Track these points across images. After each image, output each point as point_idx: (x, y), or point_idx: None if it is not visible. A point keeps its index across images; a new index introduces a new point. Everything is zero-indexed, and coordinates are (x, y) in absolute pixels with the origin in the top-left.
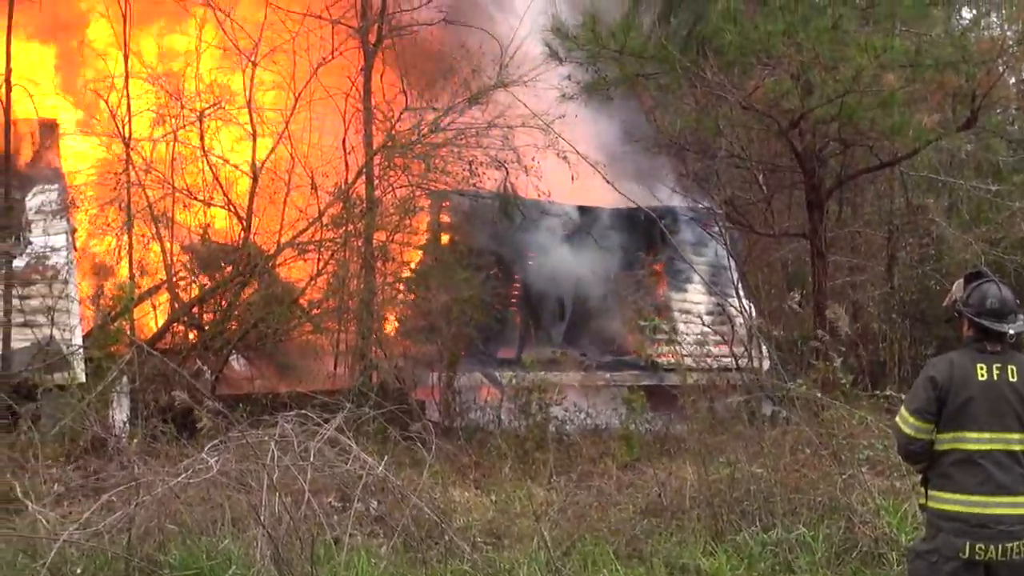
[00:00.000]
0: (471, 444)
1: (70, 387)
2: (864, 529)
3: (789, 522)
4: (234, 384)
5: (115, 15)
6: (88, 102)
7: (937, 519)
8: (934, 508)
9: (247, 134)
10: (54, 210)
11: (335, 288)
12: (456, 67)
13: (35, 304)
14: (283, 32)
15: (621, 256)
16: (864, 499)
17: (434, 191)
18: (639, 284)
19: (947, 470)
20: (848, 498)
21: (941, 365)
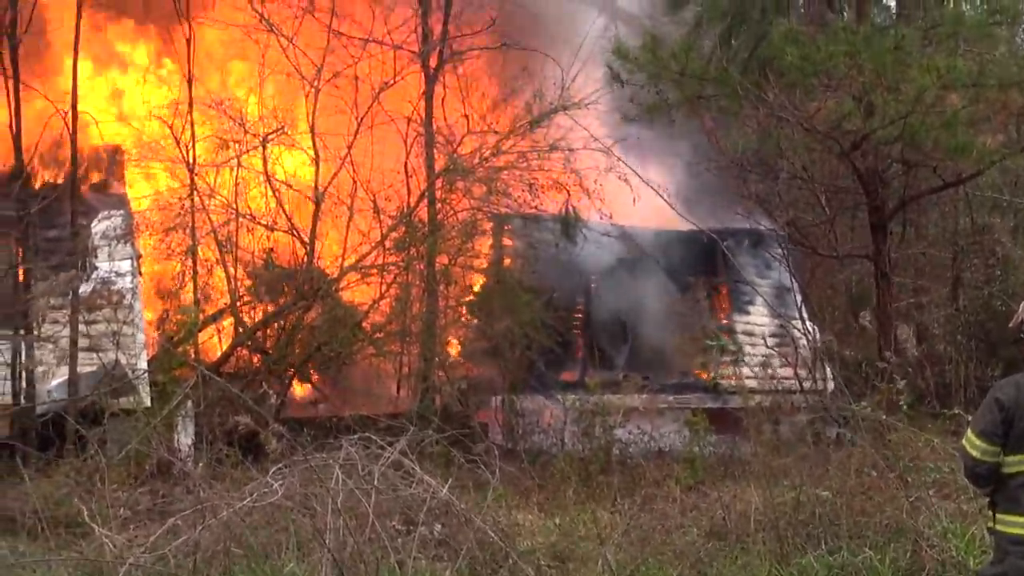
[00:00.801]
0: (534, 467)
1: (136, 411)
2: (931, 553)
3: (855, 545)
4: (298, 407)
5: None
6: (153, 128)
7: (1005, 543)
8: (1002, 531)
9: (310, 159)
10: (119, 236)
11: (398, 311)
12: (517, 90)
13: (101, 329)
14: (345, 57)
15: (683, 278)
16: (931, 522)
17: (496, 214)
18: (702, 306)
19: (1014, 493)
20: (915, 521)
21: (1008, 387)
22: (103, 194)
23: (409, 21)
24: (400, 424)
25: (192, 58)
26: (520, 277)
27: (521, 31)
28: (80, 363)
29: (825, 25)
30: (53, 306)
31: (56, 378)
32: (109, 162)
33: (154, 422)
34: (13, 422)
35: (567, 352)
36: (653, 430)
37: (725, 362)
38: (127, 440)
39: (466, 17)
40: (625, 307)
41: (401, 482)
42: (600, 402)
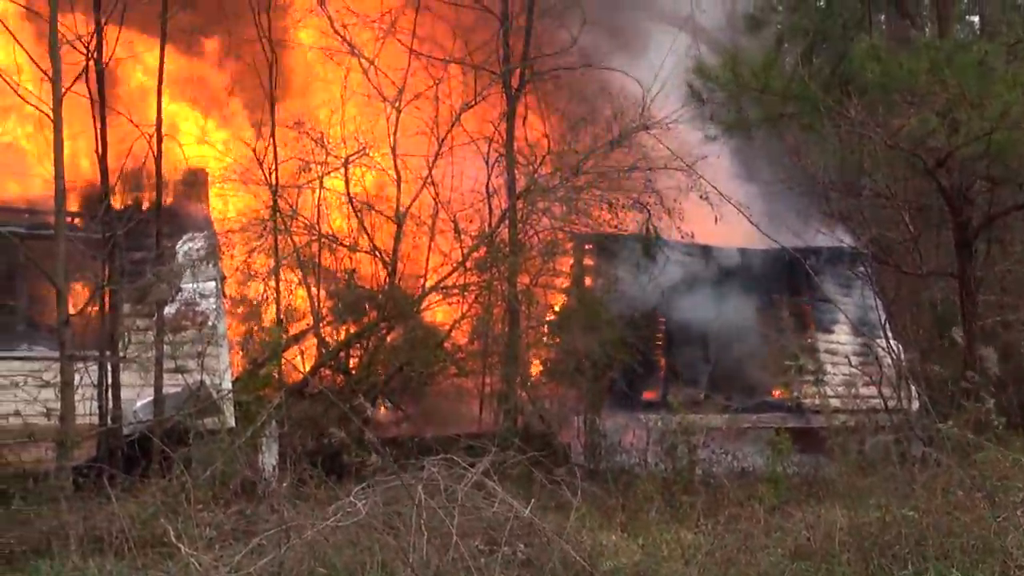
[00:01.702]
0: (617, 487)
1: (220, 431)
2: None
3: (942, 566)
4: (380, 428)
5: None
6: (236, 151)
7: None
8: None
9: (391, 180)
10: (203, 257)
11: (479, 332)
12: (598, 110)
13: (186, 350)
14: (426, 78)
15: (766, 297)
16: (1020, 542)
17: (577, 234)
18: (784, 325)
19: None
20: (1003, 541)
21: None
22: (187, 216)
23: (490, 42)
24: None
25: (275, 81)
26: (601, 296)
27: (602, 51)
28: (165, 384)
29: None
30: (139, 327)
31: (142, 399)
32: (193, 184)
33: (239, 442)
34: (100, 442)
35: (649, 371)
36: (736, 449)
37: (808, 381)
38: (212, 460)
39: (547, 37)
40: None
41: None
42: (683, 421)
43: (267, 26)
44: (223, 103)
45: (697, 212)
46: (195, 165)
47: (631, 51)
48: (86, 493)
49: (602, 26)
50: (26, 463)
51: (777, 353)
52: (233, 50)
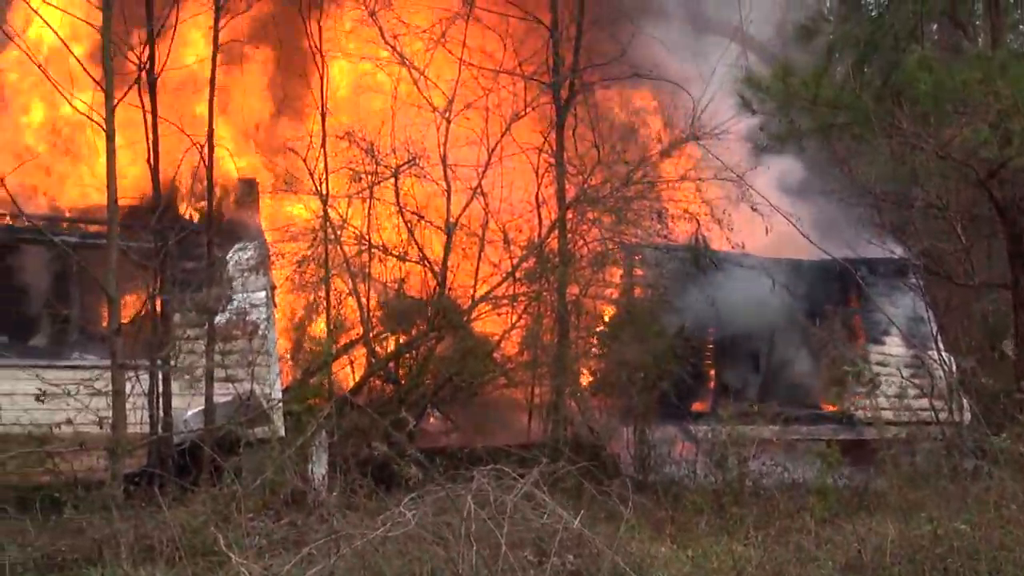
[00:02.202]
0: (666, 498)
1: (270, 441)
2: None
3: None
4: (429, 438)
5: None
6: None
7: None
8: None
9: (441, 190)
10: (254, 267)
11: (529, 342)
12: (648, 120)
13: (236, 359)
14: (476, 89)
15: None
16: None
17: (626, 244)
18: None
19: None
20: None
21: None
22: (238, 226)
23: (540, 52)
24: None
25: (325, 91)
26: (651, 307)
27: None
28: (216, 393)
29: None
30: (189, 337)
31: (192, 408)
32: (244, 194)
33: (289, 451)
34: (151, 451)
35: (699, 382)
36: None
37: (859, 393)
38: (262, 469)
39: (597, 48)
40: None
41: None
42: (733, 433)
43: (318, 37)
44: (274, 113)
45: (747, 223)
46: (246, 175)
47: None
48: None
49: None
50: (78, 471)
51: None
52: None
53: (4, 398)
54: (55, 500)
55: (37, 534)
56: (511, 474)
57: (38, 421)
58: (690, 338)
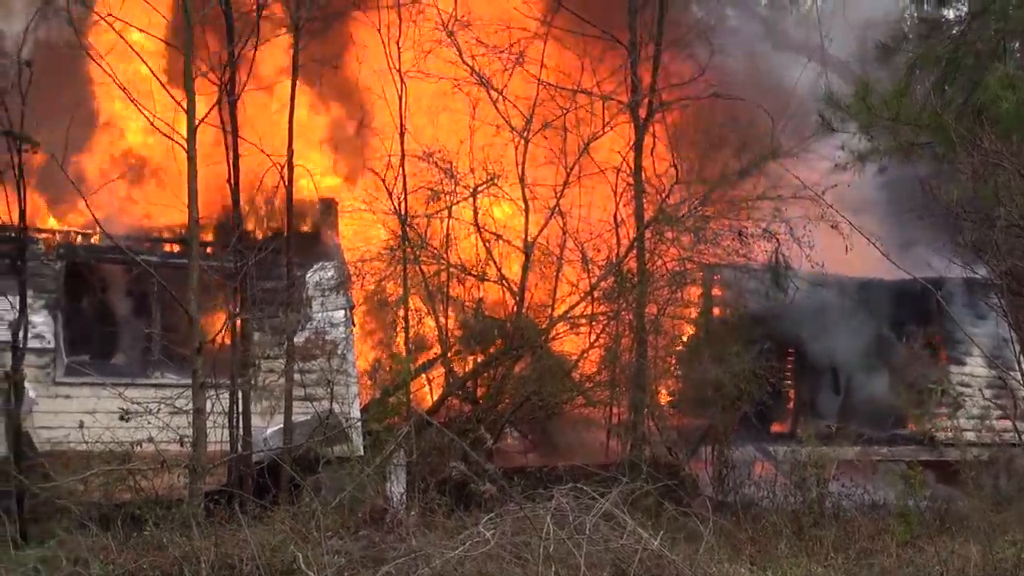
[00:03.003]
0: (746, 519)
1: (349, 459)
2: None
3: None
4: (508, 457)
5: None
6: (365, 180)
7: None
8: None
9: (519, 209)
10: (333, 286)
11: (607, 361)
12: (727, 139)
13: (315, 378)
14: (554, 108)
15: (897, 328)
16: None
17: (705, 264)
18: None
19: None
20: None
21: None
22: (317, 245)
23: (618, 72)
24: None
25: (404, 111)
26: (730, 327)
27: (730, 80)
28: (295, 411)
29: None
30: (269, 356)
31: (272, 426)
32: (323, 214)
33: (368, 470)
34: (231, 469)
35: (778, 402)
36: (867, 483)
37: (941, 413)
38: (341, 488)
39: (675, 67)
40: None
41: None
42: (812, 453)
43: (397, 57)
44: (353, 132)
45: (827, 241)
46: (325, 194)
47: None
48: (217, 519)
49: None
50: (159, 489)
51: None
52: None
53: (86, 416)
54: (136, 517)
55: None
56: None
57: (120, 439)
58: (769, 358)
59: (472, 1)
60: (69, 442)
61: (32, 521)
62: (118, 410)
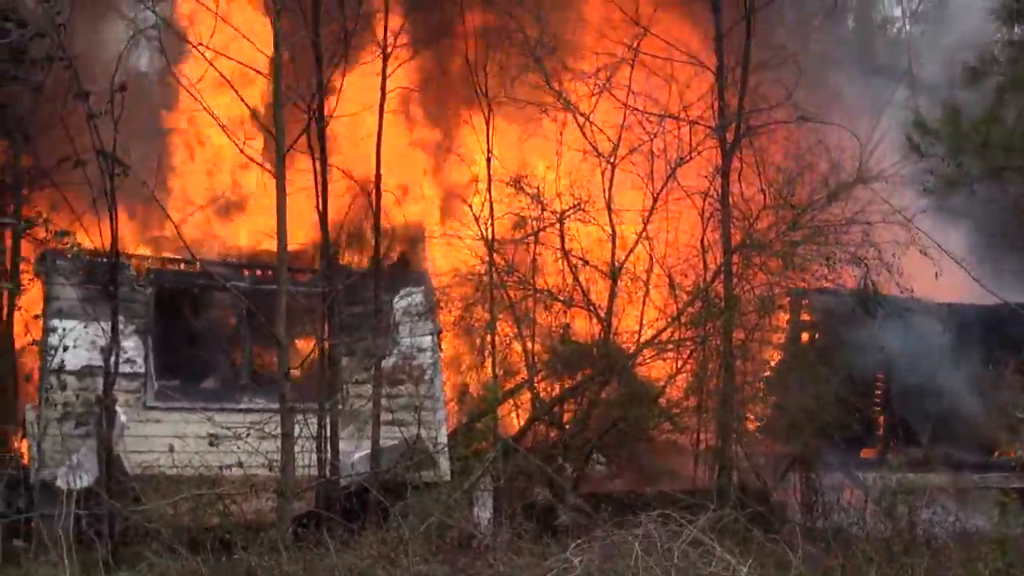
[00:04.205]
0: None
1: (437, 484)
2: None
3: None
4: (594, 483)
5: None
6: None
7: None
8: None
9: (606, 235)
10: (420, 311)
11: (694, 387)
12: (814, 164)
13: (402, 403)
14: (641, 134)
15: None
16: None
17: (793, 289)
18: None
19: None
20: None
21: None
22: (405, 271)
23: (705, 96)
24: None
25: (491, 137)
26: (818, 352)
27: (818, 104)
28: (382, 436)
29: None
30: (357, 381)
31: (359, 451)
32: (411, 239)
33: (455, 495)
34: (319, 494)
35: (867, 429)
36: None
37: None
38: (428, 513)
39: (762, 91)
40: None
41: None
42: (903, 480)
43: (484, 83)
44: (440, 159)
45: (916, 267)
46: (413, 220)
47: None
48: (306, 543)
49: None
50: (248, 513)
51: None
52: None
53: (176, 440)
54: (225, 541)
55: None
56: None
57: (209, 463)
58: (858, 384)
59: (559, 27)
60: (159, 466)
61: (123, 544)
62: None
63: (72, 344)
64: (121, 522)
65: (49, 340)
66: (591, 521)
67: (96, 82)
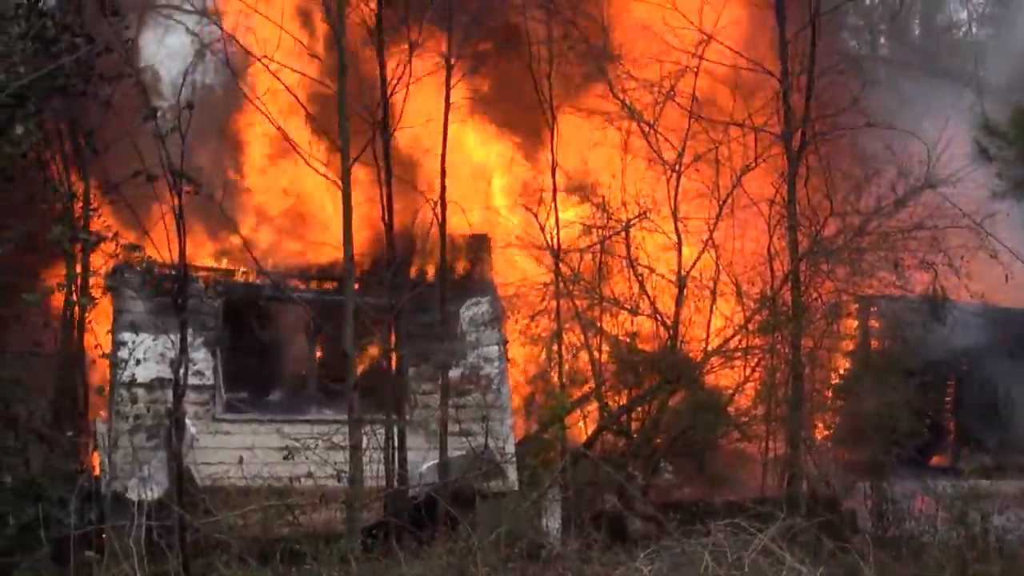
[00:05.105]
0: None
1: (505, 494)
2: None
3: None
4: (662, 492)
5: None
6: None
7: None
8: None
9: (672, 243)
10: (487, 321)
11: (763, 395)
12: (881, 169)
13: (470, 413)
14: (706, 141)
15: None
16: None
17: (862, 295)
18: None
19: None
20: None
21: None
22: (471, 281)
23: (770, 103)
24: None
25: (555, 146)
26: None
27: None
28: (450, 447)
29: None
30: (424, 391)
31: (428, 461)
32: (476, 249)
33: (524, 505)
34: (388, 504)
35: (938, 436)
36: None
37: None
38: (497, 523)
39: (828, 97)
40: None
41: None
42: (974, 487)
43: (548, 91)
44: (505, 168)
45: (986, 272)
46: (478, 230)
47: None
48: (375, 554)
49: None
50: (317, 524)
51: None
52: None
53: (245, 452)
54: (295, 552)
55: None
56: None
57: (278, 474)
58: (928, 390)
59: (622, 35)
60: (229, 477)
61: (194, 555)
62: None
63: (142, 357)
64: (192, 533)
65: (119, 353)
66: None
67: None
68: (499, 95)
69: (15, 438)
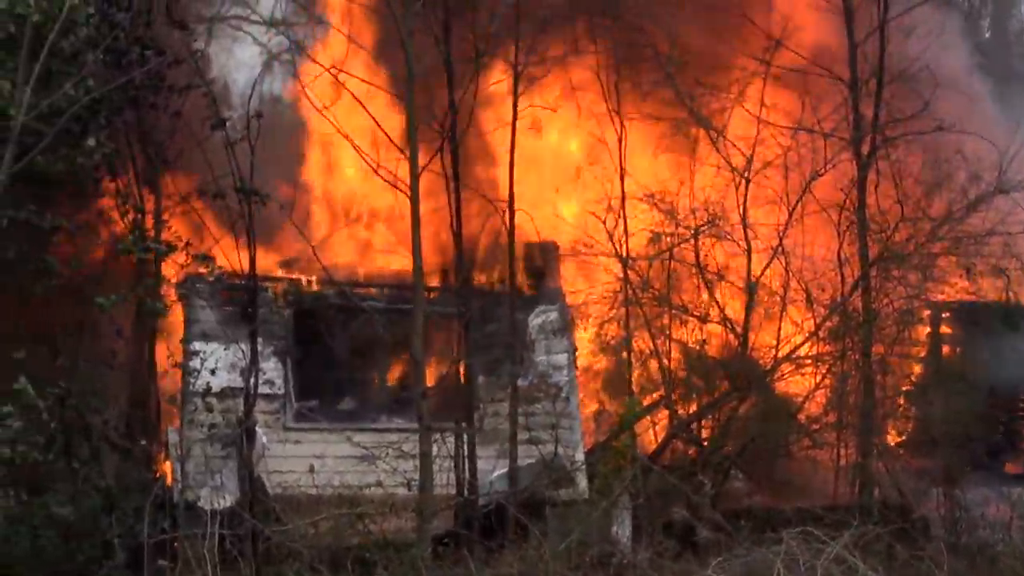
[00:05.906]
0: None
1: (575, 502)
2: None
3: None
4: (733, 499)
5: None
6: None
7: None
8: None
9: (741, 249)
10: (555, 329)
11: (833, 402)
12: (952, 174)
13: (539, 421)
14: (775, 147)
15: None
16: None
17: (933, 302)
18: None
19: None
20: None
21: None
22: (539, 289)
23: (839, 108)
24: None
25: (624, 153)
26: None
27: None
28: (520, 455)
29: None
30: (494, 399)
31: (497, 470)
32: (545, 257)
33: (595, 513)
34: (458, 512)
35: (1012, 443)
36: None
37: None
38: (567, 531)
39: (897, 102)
40: None
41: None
42: None
43: (616, 99)
44: (574, 176)
45: None
46: (546, 238)
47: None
48: (445, 562)
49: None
50: (387, 532)
51: None
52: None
53: (316, 460)
54: (366, 560)
55: None
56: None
57: (348, 483)
58: (1001, 397)
59: (690, 42)
60: (299, 486)
61: (266, 563)
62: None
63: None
64: (263, 542)
65: (191, 363)
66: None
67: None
68: (567, 103)
69: (89, 448)
